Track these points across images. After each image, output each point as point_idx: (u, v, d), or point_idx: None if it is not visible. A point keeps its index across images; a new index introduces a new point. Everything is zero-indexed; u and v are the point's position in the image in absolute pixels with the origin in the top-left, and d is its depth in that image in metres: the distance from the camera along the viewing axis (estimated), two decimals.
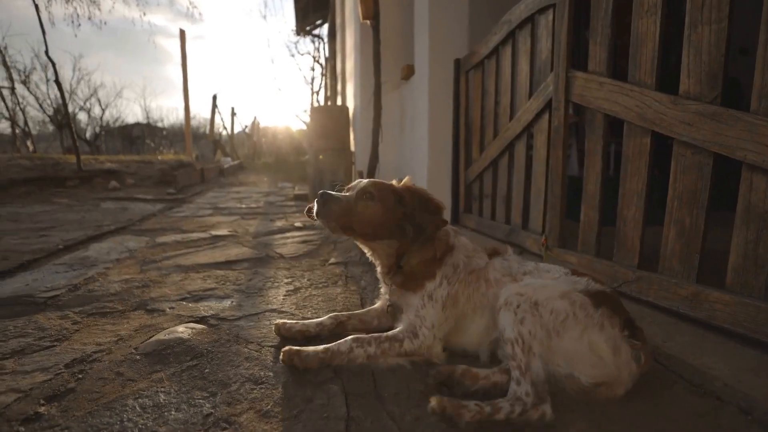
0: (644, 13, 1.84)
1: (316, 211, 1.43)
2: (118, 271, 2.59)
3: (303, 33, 14.81)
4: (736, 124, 1.48)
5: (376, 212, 1.46)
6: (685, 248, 1.65)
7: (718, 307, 1.50)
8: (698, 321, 1.58)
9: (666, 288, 1.70)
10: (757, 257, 1.42)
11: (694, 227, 1.63)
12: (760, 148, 1.41)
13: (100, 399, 1.23)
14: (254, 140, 20.80)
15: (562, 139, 2.35)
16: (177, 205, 5.87)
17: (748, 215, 1.44)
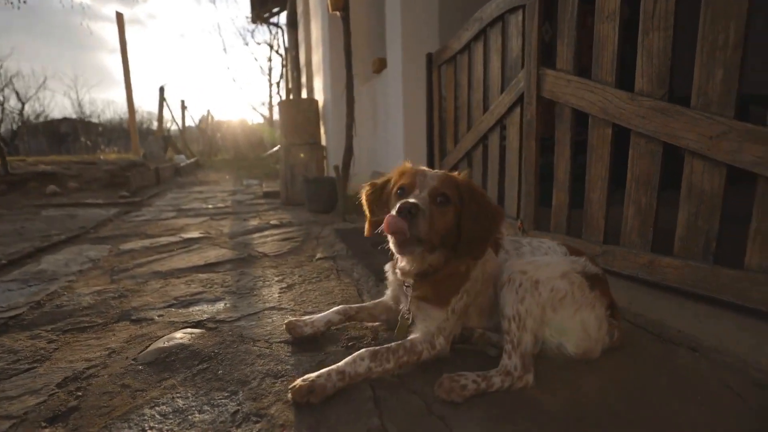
0: (605, 18, 2.19)
1: (396, 229, 1.27)
2: (86, 283, 2.54)
3: (260, 21, 14.64)
4: (680, 118, 1.85)
5: (449, 219, 1.39)
6: (642, 223, 2.02)
7: (669, 271, 1.88)
8: (654, 284, 1.96)
9: (627, 258, 2.07)
10: (697, 227, 1.80)
11: (649, 205, 2.00)
12: (697, 137, 1.78)
13: (111, 413, 1.23)
14: (209, 135, 20.31)
15: (535, 131, 2.69)
16: (135, 208, 5.80)
17: (690, 193, 1.82)
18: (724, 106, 1.72)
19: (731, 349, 1.44)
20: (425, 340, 1.42)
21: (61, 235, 3.95)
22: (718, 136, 1.71)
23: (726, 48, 1.69)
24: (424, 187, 1.39)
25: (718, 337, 1.52)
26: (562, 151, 2.49)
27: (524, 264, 1.46)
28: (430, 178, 1.41)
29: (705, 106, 1.77)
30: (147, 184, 7.90)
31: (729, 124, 1.68)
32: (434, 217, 1.34)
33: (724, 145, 1.70)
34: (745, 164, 1.64)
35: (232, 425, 1.17)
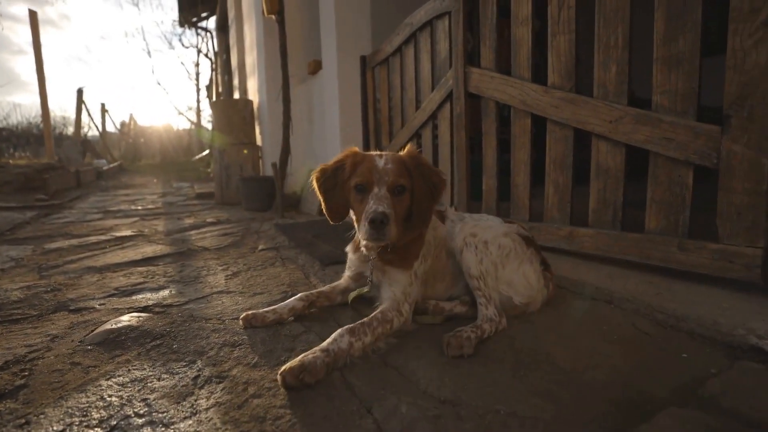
0: (519, 23, 2.31)
1: (369, 237, 1.33)
2: (11, 280, 2.24)
3: (188, 25, 13.59)
4: (585, 106, 2.00)
5: (406, 203, 1.44)
6: (560, 200, 2.16)
7: (585, 239, 2.02)
8: (574, 253, 2.09)
9: (550, 232, 2.19)
10: (605, 200, 1.95)
11: (565, 184, 2.13)
12: (600, 122, 1.93)
13: (65, 386, 1.16)
14: (132, 140, 18.38)
15: (464, 124, 2.76)
16: (54, 211, 5.05)
17: (598, 170, 1.97)
18: (619, 95, 1.89)
19: (639, 298, 1.57)
20: (393, 307, 1.40)
21: None
22: (617, 120, 1.87)
23: (617, 48, 1.86)
24: (381, 183, 1.39)
25: (628, 291, 1.66)
26: (490, 141, 2.59)
27: (472, 227, 1.57)
28: (384, 173, 1.40)
29: (604, 96, 1.94)
30: (66, 187, 6.92)
31: (624, 110, 1.85)
32: (396, 208, 1.38)
33: (622, 128, 1.86)
34: (638, 143, 1.81)
35: (195, 387, 1.13)
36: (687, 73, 1.66)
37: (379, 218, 1.29)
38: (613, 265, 1.91)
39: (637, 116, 1.81)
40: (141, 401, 1.06)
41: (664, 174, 1.77)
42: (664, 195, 1.77)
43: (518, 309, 1.53)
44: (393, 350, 1.31)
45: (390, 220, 1.31)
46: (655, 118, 1.76)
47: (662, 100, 1.75)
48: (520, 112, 2.35)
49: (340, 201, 1.50)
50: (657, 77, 1.75)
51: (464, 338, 1.26)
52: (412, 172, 1.44)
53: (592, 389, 1.05)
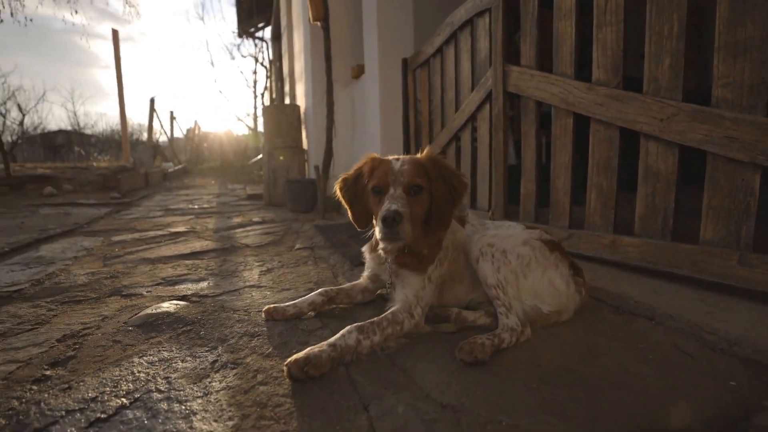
0: (562, 16, 2.19)
1: (383, 237, 1.33)
2: (80, 267, 2.53)
3: (245, 35, 14.48)
4: (633, 103, 1.84)
5: (425, 204, 1.42)
6: (603, 206, 2.00)
7: (630, 249, 1.85)
8: (616, 263, 1.93)
9: (591, 240, 2.04)
10: (654, 206, 1.78)
11: (609, 188, 1.98)
12: (651, 120, 1.77)
13: (105, 360, 1.30)
14: (196, 144, 19.87)
15: (503, 124, 2.67)
16: (124, 208, 5.59)
17: (647, 174, 1.81)
18: (672, 90, 1.72)
19: (686, 316, 1.41)
20: (404, 309, 1.39)
21: (57, 229, 3.88)
22: (669, 118, 1.71)
23: (671, 37, 1.70)
24: (397, 184, 1.39)
25: (674, 307, 1.49)
26: (529, 143, 2.48)
27: (490, 238, 1.50)
28: (400, 174, 1.40)
29: (655, 91, 1.77)
30: (137, 187, 7.63)
31: (678, 106, 1.68)
32: (413, 209, 1.37)
33: (675, 126, 1.69)
34: (694, 143, 1.64)
35: (212, 371, 1.21)
36: (756, 61, 1.47)
37: (390, 216, 1.28)
38: (661, 278, 1.74)
39: (693, 113, 1.64)
40: (164, 379, 1.17)
41: (724, 178, 1.58)
42: (724, 201, 1.58)
43: (549, 318, 1.44)
44: (403, 351, 1.30)
45: (403, 219, 1.30)
46: (714, 114, 1.58)
47: (724, 93, 1.57)
48: (561, 112, 2.22)
49: (363, 208, 1.52)
50: (719, 68, 1.57)
51: (478, 344, 1.21)
52: (430, 174, 1.43)
53: (613, 411, 0.96)
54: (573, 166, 2.19)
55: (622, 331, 1.41)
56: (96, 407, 1.03)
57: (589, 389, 1.05)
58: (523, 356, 1.24)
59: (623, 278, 1.80)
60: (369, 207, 1.49)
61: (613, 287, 1.69)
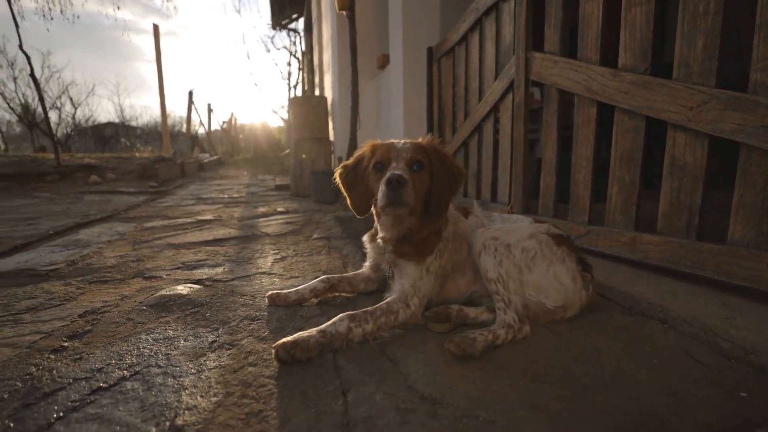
0: None
1: (387, 201, 1.31)
2: (112, 250, 2.71)
3: (279, 27, 14.76)
4: (661, 90, 1.73)
5: (426, 182, 1.43)
6: (625, 201, 1.90)
7: (650, 248, 1.75)
8: (635, 262, 1.84)
9: (610, 237, 1.95)
10: (679, 202, 1.67)
11: (632, 182, 1.88)
12: (679, 109, 1.66)
13: (115, 335, 1.41)
14: (232, 136, 20.59)
15: (524, 113, 2.58)
16: (160, 196, 5.91)
17: (673, 167, 1.70)
18: (705, 75, 1.59)
19: (702, 321, 1.31)
20: (400, 299, 1.39)
21: (97, 215, 4.21)
22: (699, 106, 1.59)
23: (707, 15, 1.57)
24: (399, 159, 1.40)
25: (690, 311, 1.39)
26: (550, 134, 2.39)
27: (494, 231, 1.47)
28: (402, 150, 1.42)
29: (686, 77, 1.65)
30: (173, 176, 8.03)
31: (710, 93, 1.56)
32: (414, 183, 1.38)
33: (705, 115, 1.58)
34: (725, 133, 1.52)
35: (209, 350, 1.29)
36: None
37: (395, 177, 1.28)
38: (682, 280, 1.64)
39: (726, 100, 1.52)
40: (164, 356, 1.25)
41: (758, 172, 1.46)
42: (757, 199, 1.46)
43: (553, 314, 1.40)
44: (395, 341, 1.31)
45: (407, 183, 1.30)
46: (750, 101, 1.46)
47: (764, 78, 1.44)
48: (584, 101, 2.12)
49: (362, 193, 1.53)
50: (759, 49, 1.44)
51: (469, 338, 1.20)
52: (431, 157, 1.45)
53: (600, 412, 0.92)
54: (595, 159, 2.09)
55: (628, 333, 1.34)
56: (100, 377, 1.12)
57: (578, 389, 1.01)
58: (517, 353, 1.22)
59: (640, 278, 1.71)
60: (370, 188, 1.49)
61: (626, 287, 1.61)
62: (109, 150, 23.80)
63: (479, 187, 3.31)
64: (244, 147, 21.01)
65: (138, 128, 29.33)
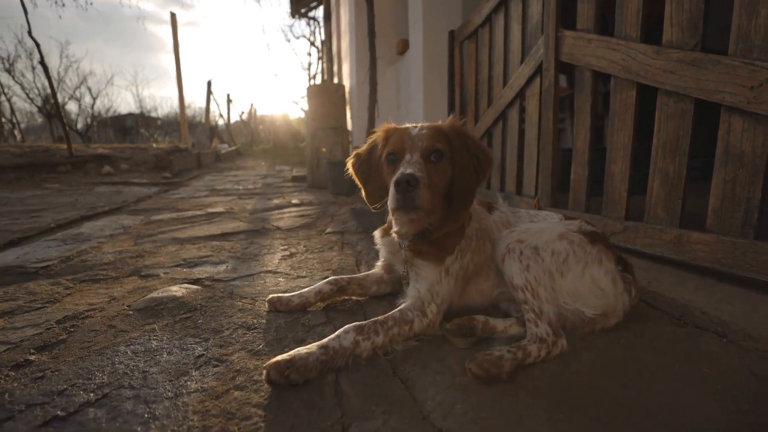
0: None
1: (396, 204, 1.18)
2: (112, 245, 2.64)
3: (298, 15, 14.69)
4: (715, 68, 1.54)
5: (447, 173, 1.29)
6: (669, 195, 1.72)
7: (699, 248, 1.57)
8: (681, 263, 1.66)
9: (651, 235, 1.77)
10: (735, 196, 1.49)
11: (677, 174, 1.69)
12: (736, 89, 1.46)
13: (91, 347, 1.27)
14: (251, 127, 20.79)
15: (554, 98, 2.40)
16: (173, 188, 5.94)
17: (727, 156, 1.51)
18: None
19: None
20: (415, 306, 1.25)
21: (105, 207, 4.16)
22: (761, 85, 1.40)
23: None
24: (414, 149, 1.27)
25: (754, 323, 1.23)
26: (582, 121, 2.20)
27: (519, 233, 1.32)
28: (418, 139, 1.28)
29: (746, 52, 1.45)
30: (189, 167, 8.10)
31: None
32: (432, 178, 1.24)
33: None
34: None
35: (193, 367, 1.15)
36: None
37: (405, 178, 1.14)
38: (737, 285, 1.45)
39: None
40: (141, 374, 1.11)
41: None
42: None
43: (594, 324, 1.25)
44: (410, 357, 1.17)
45: (419, 184, 1.16)
46: None
47: None
48: (622, 83, 1.93)
49: (377, 185, 1.40)
50: None
51: (494, 357, 1.05)
52: (453, 143, 1.30)
53: None
54: (633, 148, 1.91)
55: (681, 349, 1.18)
56: (59, 402, 0.99)
57: (628, 425, 0.87)
58: (552, 374, 1.07)
59: (688, 282, 1.53)
60: (384, 180, 1.36)
61: (674, 293, 1.45)
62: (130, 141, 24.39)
63: (503, 179, 3.14)
64: (263, 138, 21.18)
65: (158, 119, 29.99)
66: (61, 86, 21.77)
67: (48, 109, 19.41)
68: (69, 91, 23.19)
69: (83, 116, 24.80)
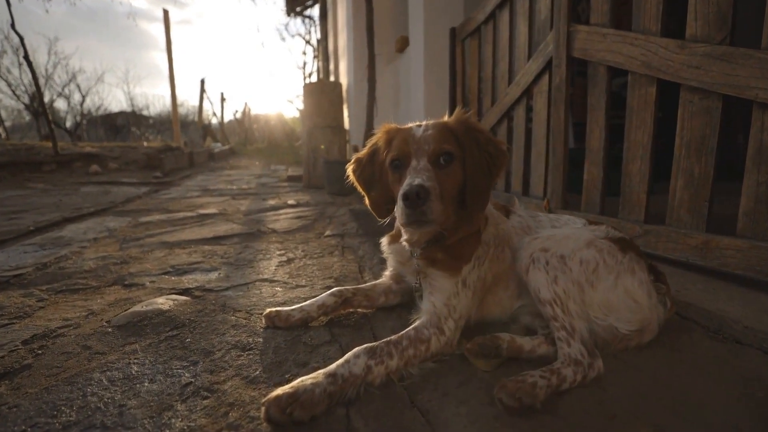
0: None
1: (407, 220, 1.09)
2: (95, 250, 2.47)
3: (293, 14, 14.51)
4: (747, 63, 1.44)
5: (458, 176, 1.17)
6: (694, 197, 1.62)
7: (730, 254, 1.47)
8: (709, 270, 1.56)
9: (675, 239, 1.67)
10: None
11: (703, 175, 1.59)
12: None
13: (60, 374, 1.11)
14: (245, 126, 20.56)
15: (564, 96, 2.30)
16: (164, 188, 5.77)
17: (760, 157, 1.41)
18: None
19: None
20: (431, 323, 1.14)
21: (90, 208, 3.96)
22: None
23: None
24: (420, 153, 1.15)
25: None
26: (597, 119, 2.10)
27: (543, 240, 1.20)
28: (424, 141, 1.17)
29: None
30: (180, 166, 7.92)
31: None
32: (443, 185, 1.13)
33: None
34: None
35: (179, 399, 1.00)
36: None
37: (413, 191, 1.03)
38: None
39: None
40: (117, 408, 0.96)
41: None
42: None
43: (628, 341, 1.13)
44: (427, 382, 1.04)
45: (431, 195, 1.05)
46: None
47: None
48: (641, 79, 1.83)
49: (381, 192, 1.28)
50: None
51: (528, 384, 0.93)
52: (462, 141, 1.18)
53: None
54: (653, 147, 1.81)
55: (727, 368, 1.08)
56: None
57: None
58: (589, 400, 0.95)
59: (719, 291, 1.43)
60: (389, 187, 1.24)
61: (708, 303, 1.34)
62: (121, 139, 23.95)
63: (508, 180, 3.04)
64: (258, 137, 20.96)
65: (150, 118, 29.59)
66: (49, 83, 21.36)
67: (35, 107, 18.97)
68: (57, 88, 22.70)
69: (72, 114, 24.32)
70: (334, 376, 0.96)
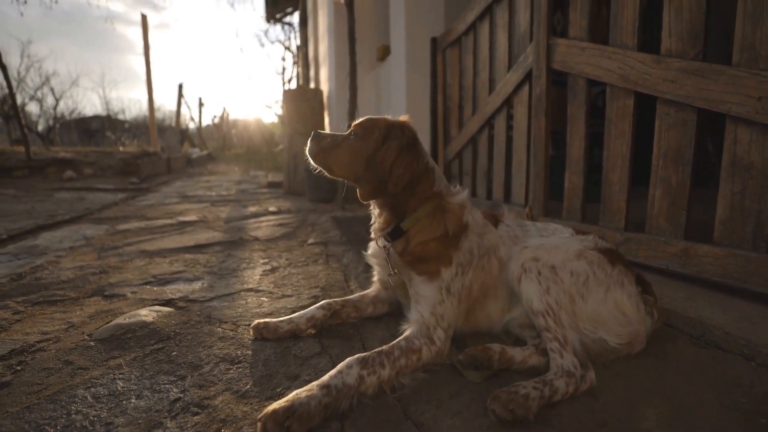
0: None
1: (308, 149, 1.33)
2: (72, 259, 2.35)
3: (273, 20, 14.34)
4: (719, 78, 1.48)
5: (354, 150, 1.27)
6: (672, 205, 1.65)
7: (708, 261, 1.50)
8: (688, 277, 1.59)
9: (655, 247, 1.69)
10: (744, 208, 1.42)
11: (681, 184, 1.62)
12: (743, 100, 1.40)
13: (42, 392, 1.06)
14: (224, 131, 20.13)
15: (545, 106, 2.32)
16: (141, 194, 5.55)
17: (734, 168, 1.44)
18: None
19: None
20: (421, 333, 1.13)
21: (65, 215, 3.77)
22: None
23: None
24: None
25: None
26: (577, 129, 2.12)
27: (533, 250, 1.19)
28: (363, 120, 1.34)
29: (751, 62, 1.40)
30: (158, 172, 7.64)
31: None
32: (342, 148, 1.31)
33: None
34: None
35: (168, 416, 0.95)
36: None
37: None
38: (750, 300, 1.39)
39: None
40: (103, 426, 0.91)
41: None
42: None
43: (617, 353, 1.13)
44: (420, 393, 1.02)
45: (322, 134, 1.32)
46: None
47: None
48: (619, 92, 1.86)
49: None
50: None
51: (520, 396, 0.92)
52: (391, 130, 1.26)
53: None
54: (632, 157, 1.84)
55: (711, 375, 1.09)
56: None
57: None
58: (581, 410, 0.94)
59: (699, 297, 1.45)
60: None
61: (690, 310, 1.36)
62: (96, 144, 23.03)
63: (490, 187, 3.05)
64: (236, 142, 20.54)
65: (126, 122, 28.59)
66: (21, 86, 20.37)
67: (5, 110, 18.01)
68: (30, 91, 21.70)
69: (45, 118, 23.23)
70: (329, 388, 0.94)
